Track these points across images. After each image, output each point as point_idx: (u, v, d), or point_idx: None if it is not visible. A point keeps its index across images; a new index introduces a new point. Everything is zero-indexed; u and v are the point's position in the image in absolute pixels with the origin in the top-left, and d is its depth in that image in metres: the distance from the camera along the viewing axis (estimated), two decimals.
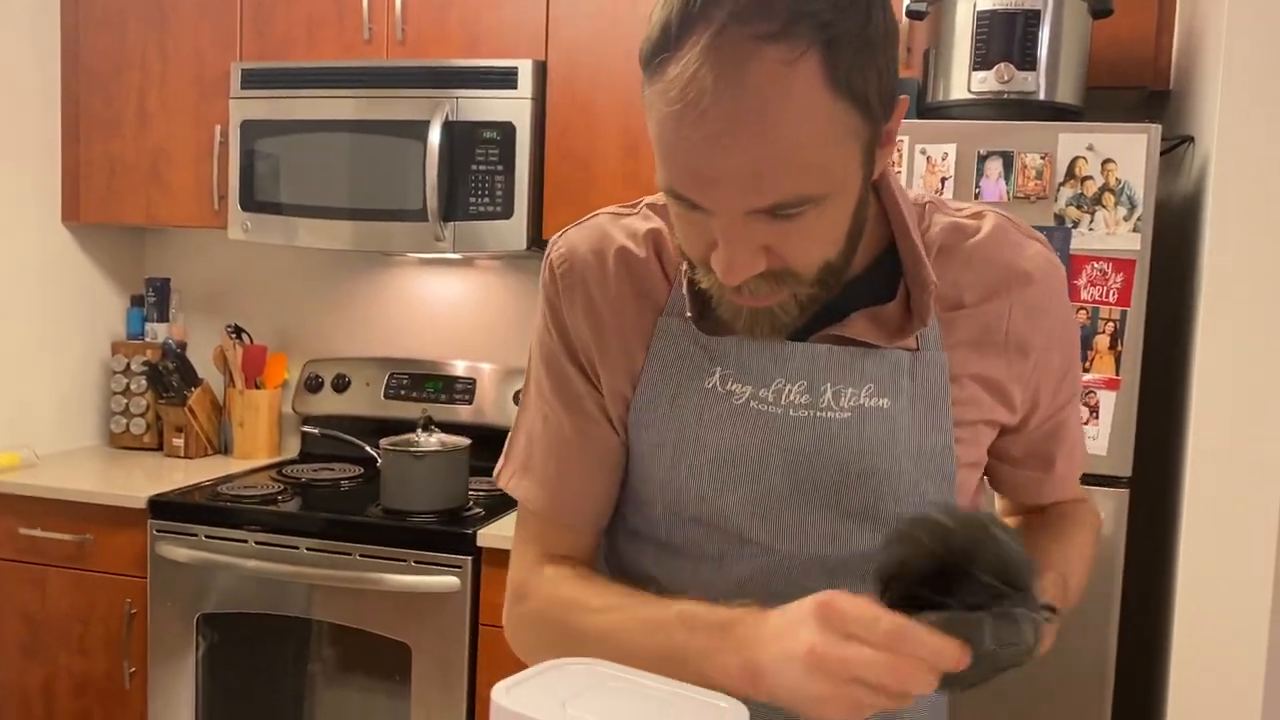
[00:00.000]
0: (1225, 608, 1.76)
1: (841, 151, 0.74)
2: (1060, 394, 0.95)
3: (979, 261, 0.89)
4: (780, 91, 0.69)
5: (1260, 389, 1.75)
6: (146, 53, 2.75)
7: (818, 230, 0.77)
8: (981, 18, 1.91)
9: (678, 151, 0.74)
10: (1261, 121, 1.73)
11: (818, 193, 0.74)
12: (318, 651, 2.36)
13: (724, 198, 0.73)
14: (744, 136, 0.70)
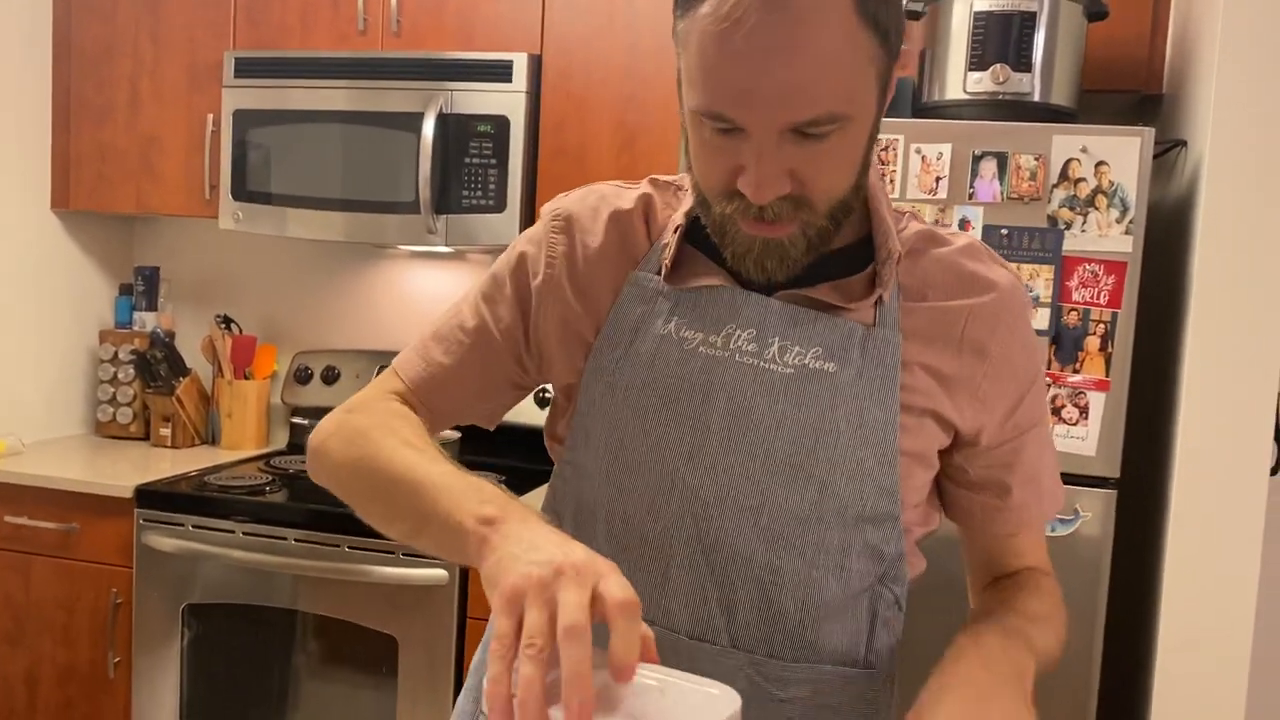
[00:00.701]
0: (1210, 606, 1.77)
1: (864, 77, 0.80)
2: (1018, 417, 0.94)
3: (947, 266, 0.93)
4: (819, 14, 0.76)
5: (1247, 392, 1.77)
6: (138, 39, 2.73)
7: (838, 155, 0.82)
8: (978, 19, 1.92)
9: (722, 69, 0.78)
10: (1253, 128, 1.74)
11: (844, 113, 0.80)
12: (304, 643, 2.35)
13: (763, 113, 0.78)
14: (786, 53, 0.76)
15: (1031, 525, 1.00)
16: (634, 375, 0.92)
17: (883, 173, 1.90)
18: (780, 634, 0.90)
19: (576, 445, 0.97)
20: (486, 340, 1.01)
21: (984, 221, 1.84)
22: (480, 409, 1.05)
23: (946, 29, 1.96)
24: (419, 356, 1.03)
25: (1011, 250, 1.83)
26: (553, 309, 0.97)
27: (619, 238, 0.97)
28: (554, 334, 0.97)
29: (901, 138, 1.90)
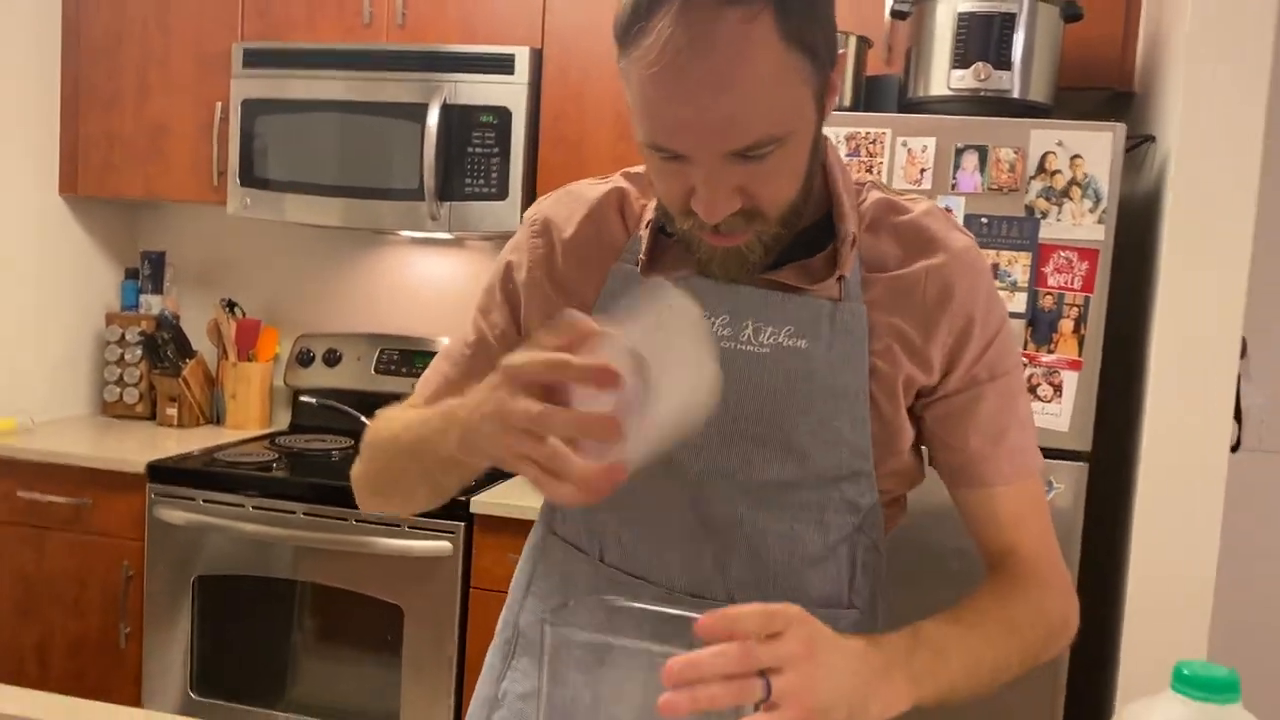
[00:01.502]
0: (1175, 572, 1.89)
1: (797, 95, 0.85)
2: (977, 369, 0.98)
3: (905, 233, 0.98)
4: (744, 47, 0.80)
5: (1209, 373, 1.88)
6: (147, 29, 2.80)
7: (782, 169, 0.88)
8: (961, 19, 2.03)
9: (660, 108, 0.84)
10: (1217, 124, 1.86)
11: (781, 133, 0.84)
12: (311, 613, 2.44)
13: (704, 144, 0.84)
14: (718, 89, 0.81)
15: (1001, 480, 1.00)
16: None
17: (869, 164, 2.01)
18: (770, 584, 0.99)
19: None
20: (485, 348, 1.08)
21: (965, 211, 1.95)
22: None
23: (931, 29, 2.07)
24: (433, 373, 1.13)
25: (991, 238, 1.94)
26: (539, 306, 1.04)
27: (595, 233, 1.04)
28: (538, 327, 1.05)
29: (889, 131, 2.00)
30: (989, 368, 0.98)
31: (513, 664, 1.12)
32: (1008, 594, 0.98)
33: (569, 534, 1.09)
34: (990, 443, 0.99)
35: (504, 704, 1.11)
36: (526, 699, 1.08)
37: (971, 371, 0.98)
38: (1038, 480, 1.03)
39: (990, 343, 0.98)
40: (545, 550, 1.12)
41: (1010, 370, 1.00)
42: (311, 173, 2.63)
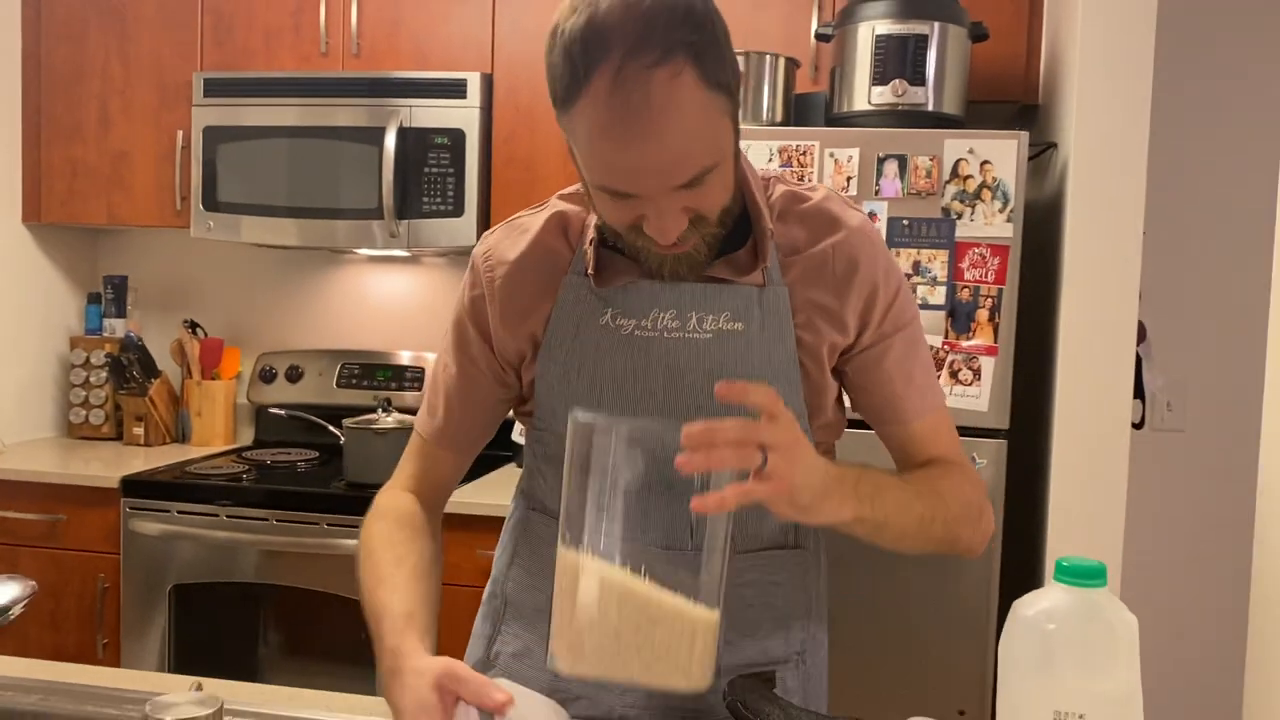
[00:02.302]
0: (1087, 538, 2.09)
1: (721, 127, 0.98)
2: (885, 325, 1.14)
3: (810, 218, 1.14)
4: (675, 99, 0.92)
5: (1110, 356, 2.09)
6: (108, 61, 2.91)
7: (718, 186, 1.02)
8: (879, 41, 2.23)
9: (608, 157, 0.95)
10: (1109, 132, 2.07)
11: (714, 162, 0.98)
12: (286, 616, 2.55)
13: (652, 184, 0.96)
14: (657, 138, 0.93)
15: (915, 415, 1.17)
16: (584, 360, 1.14)
17: (800, 174, 2.19)
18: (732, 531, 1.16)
19: (545, 419, 1.20)
20: (471, 377, 1.21)
21: (889, 214, 2.15)
22: (490, 428, 1.26)
23: (853, 50, 2.26)
24: (428, 413, 1.24)
25: (912, 238, 2.13)
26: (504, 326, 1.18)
27: (543, 254, 1.16)
28: (510, 344, 1.19)
29: (817, 143, 2.19)
30: (893, 322, 1.15)
31: (502, 628, 1.25)
32: (933, 472, 1.15)
33: (550, 507, 1.23)
34: (902, 383, 1.16)
35: (497, 664, 1.24)
36: (518, 657, 1.22)
37: (880, 328, 1.15)
38: (945, 411, 1.21)
39: (892, 301, 1.15)
40: (527, 525, 1.26)
41: (910, 322, 1.18)
42: (272, 196, 2.75)
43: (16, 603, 0.91)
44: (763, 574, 1.17)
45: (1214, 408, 2.83)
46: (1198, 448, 2.84)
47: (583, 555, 0.94)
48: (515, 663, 1.22)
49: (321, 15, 2.76)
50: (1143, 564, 2.76)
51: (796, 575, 1.19)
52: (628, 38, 0.90)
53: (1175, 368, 2.81)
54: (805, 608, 1.20)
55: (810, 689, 1.20)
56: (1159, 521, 2.83)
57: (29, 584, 0.94)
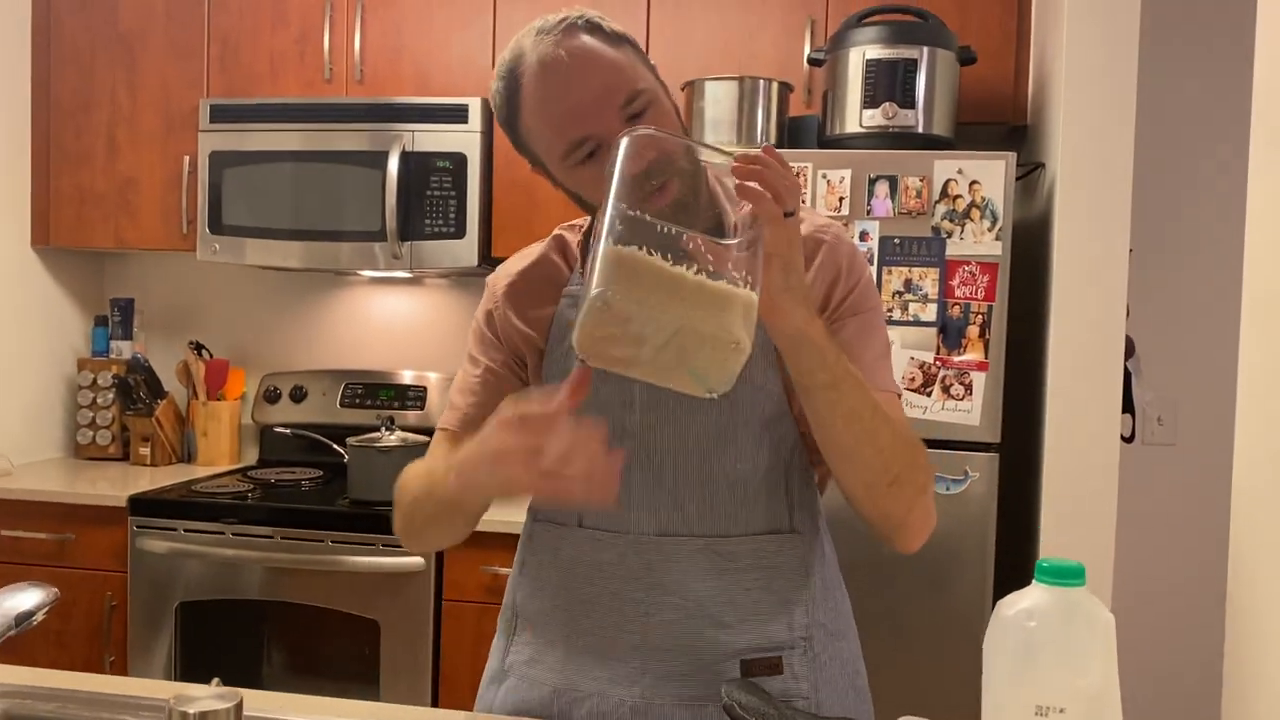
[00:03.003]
0: (1078, 547, 2.13)
1: (638, 67, 1.13)
2: (843, 308, 1.20)
3: None
4: (581, 46, 1.10)
5: (1099, 371, 2.14)
6: (116, 89, 2.97)
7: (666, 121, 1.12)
8: (870, 65, 2.29)
9: (556, 109, 1.10)
10: (1096, 153, 2.13)
11: (644, 87, 1.11)
12: (292, 632, 2.58)
13: (602, 111, 1.09)
14: (585, 70, 1.09)
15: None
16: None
17: None
18: (723, 518, 1.20)
19: None
20: (493, 374, 1.30)
21: (880, 233, 2.20)
22: None
23: (844, 74, 2.32)
24: (452, 410, 1.33)
25: (903, 256, 2.19)
26: (514, 332, 1.28)
27: (543, 274, 1.28)
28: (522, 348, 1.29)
29: (810, 165, 2.24)
30: (851, 307, 1.21)
31: (514, 638, 1.29)
32: None
33: (549, 512, 1.29)
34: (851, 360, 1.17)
35: (511, 674, 1.27)
36: (530, 664, 1.26)
37: (838, 310, 1.21)
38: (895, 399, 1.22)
39: (852, 289, 1.21)
40: (532, 535, 1.31)
41: (868, 310, 1.22)
42: (277, 219, 2.81)
43: (41, 608, 0.95)
44: (761, 559, 1.21)
45: (1204, 421, 2.87)
46: (1188, 461, 2.88)
47: (607, 244, 0.92)
48: (527, 669, 1.26)
49: (325, 42, 2.82)
50: (1134, 576, 2.80)
51: (794, 559, 1.23)
52: (530, 36, 1.13)
53: (1165, 382, 2.86)
54: (808, 593, 1.23)
55: (823, 678, 1.22)
56: (1150, 534, 2.87)
57: (51, 590, 0.98)
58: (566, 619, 1.24)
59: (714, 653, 1.19)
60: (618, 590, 1.21)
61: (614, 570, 1.22)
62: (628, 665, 1.20)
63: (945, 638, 2.17)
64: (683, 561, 1.20)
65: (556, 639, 1.24)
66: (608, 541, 1.22)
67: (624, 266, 0.90)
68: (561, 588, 1.24)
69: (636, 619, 1.21)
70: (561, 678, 1.22)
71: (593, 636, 1.22)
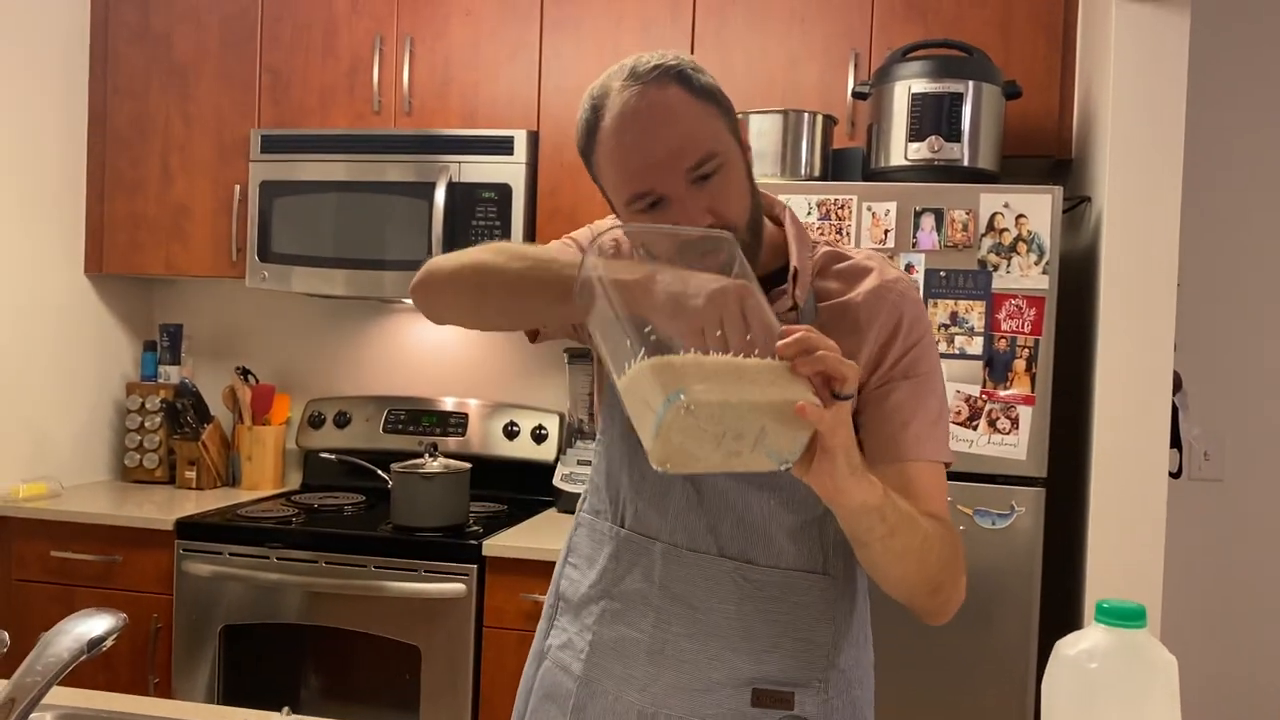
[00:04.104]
0: (1126, 584, 2.10)
1: (716, 127, 1.14)
2: (895, 370, 1.19)
3: (846, 272, 1.23)
4: (669, 101, 1.12)
5: (1147, 406, 2.12)
6: (170, 118, 3.03)
7: (732, 185, 1.14)
8: (915, 99, 2.30)
9: (630, 159, 1.12)
10: (1143, 185, 2.12)
11: (716, 149, 1.12)
12: (333, 657, 2.60)
13: (668, 171, 1.10)
14: (664, 126, 1.11)
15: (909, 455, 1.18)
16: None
17: (839, 227, 2.26)
18: (755, 546, 1.21)
19: (603, 428, 1.32)
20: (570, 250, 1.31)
21: (926, 266, 2.20)
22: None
23: (890, 107, 2.33)
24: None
25: (949, 289, 2.18)
26: None
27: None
28: None
29: (855, 197, 2.25)
30: (904, 369, 1.20)
31: (555, 623, 1.35)
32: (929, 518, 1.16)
33: (596, 507, 1.33)
34: (899, 425, 1.19)
35: (548, 656, 1.33)
36: (564, 649, 1.31)
37: (891, 371, 1.20)
38: (942, 471, 1.22)
39: (909, 350, 1.20)
40: (577, 528, 1.37)
41: (924, 374, 1.21)
42: (324, 248, 2.85)
43: (111, 633, 0.97)
44: (787, 592, 1.22)
45: (1252, 457, 2.84)
46: (1236, 497, 2.84)
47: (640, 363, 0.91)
48: (560, 653, 1.31)
49: (375, 75, 2.87)
50: (1182, 612, 2.76)
51: (823, 604, 1.23)
52: (621, 76, 1.14)
53: (1212, 418, 2.83)
54: (831, 636, 1.23)
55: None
56: (1198, 570, 2.83)
57: (120, 616, 1.00)
58: (596, 613, 1.28)
59: (725, 675, 1.21)
60: (644, 595, 1.24)
61: (645, 575, 1.24)
62: (644, 669, 1.23)
63: (989, 675, 2.15)
64: (708, 579, 1.22)
65: (585, 630, 1.28)
66: (641, 546, 1.25)
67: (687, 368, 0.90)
68: (596, 583, 1.29)
69: (655, 626, 1.23)
70: (587, 668, 1.27)
71: (615, 634, 1.26)
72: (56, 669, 0.88)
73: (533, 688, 1.34)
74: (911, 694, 2.18)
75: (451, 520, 2.63)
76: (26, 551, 2.75)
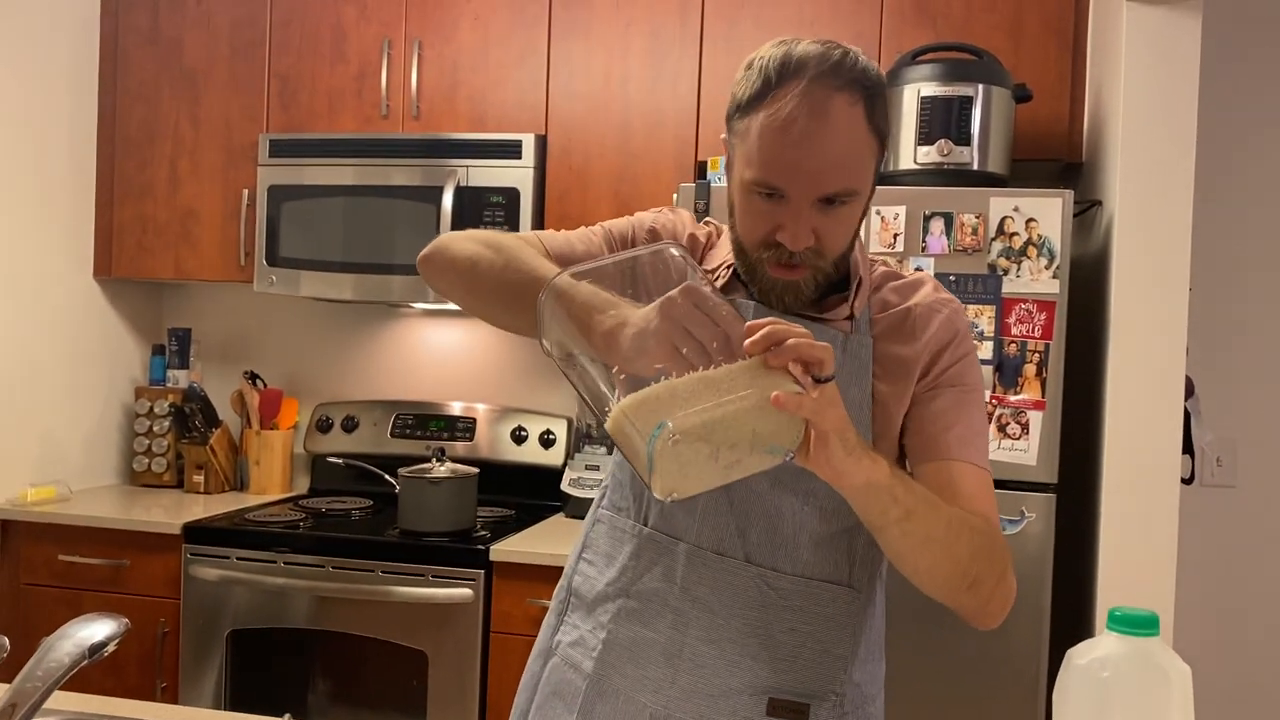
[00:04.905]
0: (1137, 591, 2.09)
1: (868, 165, 1.13)
2: (941, 378, 1.20)
3: (902, 288, 1.26)
4: (845, 122, 1.09)
5: (1159, 411, 2.10)
6: (179, 123, 3.04)
7: (847, 221, 1.15)
8: (924, 102, 2.28)
9: (778, 153, 1.09)
10: (1154, 190, 2.11)
11: (857, 188, 1.11)
12: (340, 662, 2.59)
13: (804, 185, 1.09)
14: (823, 145, 1.08)
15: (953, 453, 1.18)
16: None
17: None
18: (782, 554, 1.20)
19: None
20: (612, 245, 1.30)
21: (935, 270, 2.18)
22: None
23: (899, 111, 2.32)
24: (559, 237, 1.30)
25: (959, 293, 2.17)
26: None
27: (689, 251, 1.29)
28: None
29: None
30: (950, 378, 1.21)
31: (565, 619, 1.33)
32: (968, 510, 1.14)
33: (617, 504, 1.31)
34: (942, 428, 1.19)
35: (556, 653, 1.31)
36: (574, 646, 1.29)
37: (938, 379, 1.21)
38: (988, 474, 1.21)
39: (956, 362, 1.22)
40: (594, 523, 1.34)
41: (970, 388, 1.22)
42: (332, 252, 2.85)
43: (112, 639, 0.96)
44: (810, 603, 1.21)
45: (1264, 463, 2.81)
46: (1249, 503, 2.82)
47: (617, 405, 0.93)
48: (570, 650, 1.29)
49: (383, 79, 2.87)
50: (1194, 618, 2.73)
51: (845, 616, 1.22)
52: (821, 66, 1.09)
53: (1224, 423, 2.80)
54: (850, 650, 1.22)
55: None
56: (1210, 576, 2.80)
57: (122, 621, 0.99)
58: (612, 611, 1.26)
59: (742, 683, 1.20)
60: (665, 595, 1.23)
61: (666, 575, 1.23)
62: (659, 670, 1.21)
63: (1000, 682, 2.13)
64: (731, 584, 1.20)
65: (599, 627, 1.26)
66: (665, 545, 1.23)
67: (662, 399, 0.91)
68: (615, 580, 1.27)
69: (673, 628, 1.22)
70: (599, 666, 1.24)
71: (631, 634, 1.24)
72: (58, 674, 0.88)
73: (539, 684, 1.32)
74: (922, 701, 2.16)
75: (459, 525, 2.63)
76: (34, 555, 2.75)
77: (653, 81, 2.73)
